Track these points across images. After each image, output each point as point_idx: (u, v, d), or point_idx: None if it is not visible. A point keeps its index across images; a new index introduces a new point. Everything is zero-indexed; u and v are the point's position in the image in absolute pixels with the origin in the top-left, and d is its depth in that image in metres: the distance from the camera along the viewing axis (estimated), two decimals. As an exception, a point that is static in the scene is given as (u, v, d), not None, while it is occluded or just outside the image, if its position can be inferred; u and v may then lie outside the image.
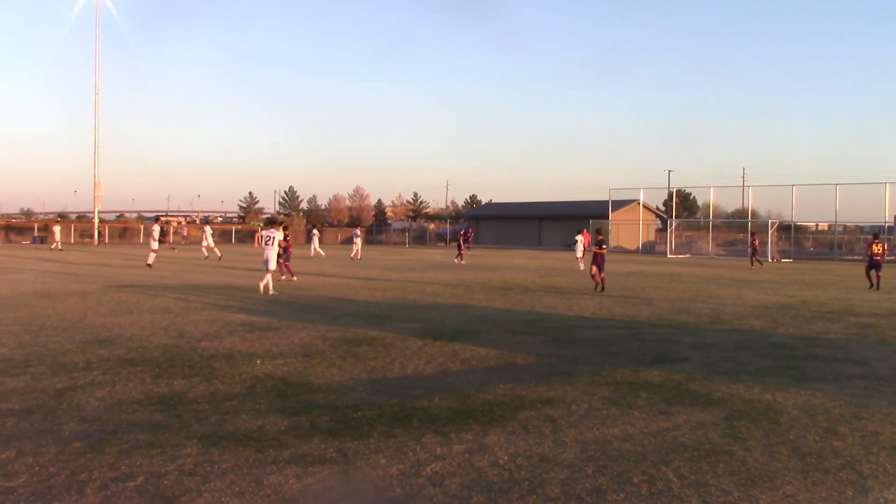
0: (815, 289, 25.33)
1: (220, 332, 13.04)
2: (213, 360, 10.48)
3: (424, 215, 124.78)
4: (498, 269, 34.70)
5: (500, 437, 6.77)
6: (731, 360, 10.95)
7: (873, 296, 22.71)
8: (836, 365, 10.66)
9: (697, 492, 5.44)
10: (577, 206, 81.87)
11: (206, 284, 23.72)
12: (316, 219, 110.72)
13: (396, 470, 5.85)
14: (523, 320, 15.50)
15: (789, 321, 15.81)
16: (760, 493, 5.44)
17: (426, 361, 10.62)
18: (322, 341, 12.22)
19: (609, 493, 5.40)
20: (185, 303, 17.96)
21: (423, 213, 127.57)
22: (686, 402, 8.27)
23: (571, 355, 11.27)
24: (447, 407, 7.90)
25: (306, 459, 6.06)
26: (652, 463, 6.10)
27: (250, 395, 8.32)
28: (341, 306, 17.78)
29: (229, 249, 57.62)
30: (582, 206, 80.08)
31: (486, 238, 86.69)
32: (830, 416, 7.74)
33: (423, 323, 14.68)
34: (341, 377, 9.46)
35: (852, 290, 25.05)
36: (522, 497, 5.31)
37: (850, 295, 22.81)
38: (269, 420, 7.28)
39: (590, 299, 20.11)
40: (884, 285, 26.55)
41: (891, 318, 16.75)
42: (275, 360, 10.49)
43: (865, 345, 12.62)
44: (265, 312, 16.10)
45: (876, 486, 5.62)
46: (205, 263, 35.83)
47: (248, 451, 6.24)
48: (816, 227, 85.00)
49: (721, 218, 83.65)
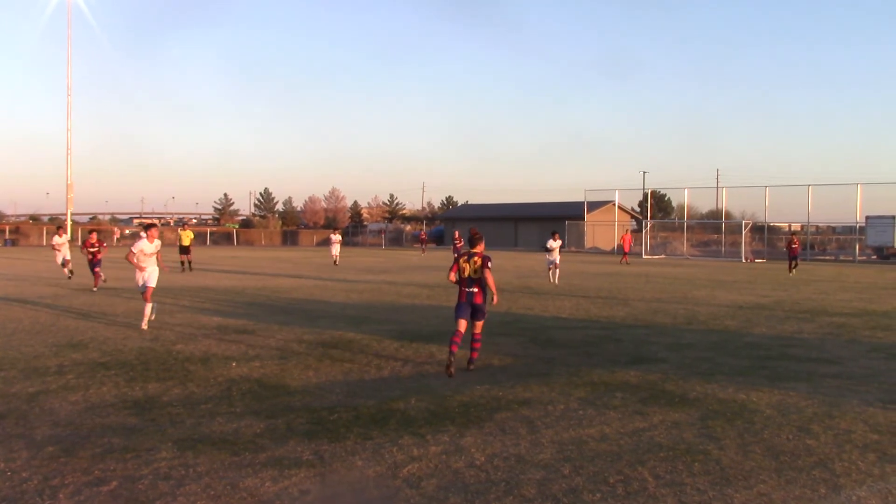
0: (789, 289, 25.56)
1: (196, 335, 12.96)
2: (188, 362, 10.41)
3: (401, 217, 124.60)
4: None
5: (476, 439, 6.78)
6: (707, 361, 11.02)
7: (845, 295, 22.96)
8: (809, 364, 10.76)
9: (673, 491, 5.47)
10: (553, 207, 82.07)
11: (181, 287, 23.54)
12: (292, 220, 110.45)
13: (373, 472, 5.84)
14: (500, 321, 15.51)
15: (763, 321, 15.94)
16: (735, 491, 5.49)
17: (403, 363, 10.61)
18: (298, 343, 12.18)
19: (585, 493, 5.42)
20: (159, 305, 17.78)
21: (400, 214, 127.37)
22: (662, 402, 8.32)
23: (548, 356, 11.30)
24: (424, 408, 7.90)
25: (282, 462, 6.03)
26: (628, 463, 6.13)
27: (226, 398, 8.28)
28: (318, 308, 17.72)
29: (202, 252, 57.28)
30: (557, 208, 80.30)
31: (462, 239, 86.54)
32: (804, 415, 7.81)
33: (400, 325, 14.67)
34: (318, 379, 9.43)
35: (825, 290, 25.30)
36: (499, 498, 5.32)
37: (823, 295, 23.03)
38: (245, 423, 7.24)
39: (566, 300, 20.17)
40: (855, 284, 26.90)
41: (863, 317, 16.94)
42: (251, 363, 10.44)
43: (838, 344, 12.75)
44: (241, 315, 16.01)
45: (848, 484, 5.68)
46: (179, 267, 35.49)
47: (223, 455, 6.20)
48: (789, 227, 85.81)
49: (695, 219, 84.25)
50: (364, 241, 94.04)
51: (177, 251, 32.90)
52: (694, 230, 75.10)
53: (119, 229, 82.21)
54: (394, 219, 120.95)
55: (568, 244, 72.74)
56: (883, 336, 13.83)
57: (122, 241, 67.02)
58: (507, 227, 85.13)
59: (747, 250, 56.45)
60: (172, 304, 18.24)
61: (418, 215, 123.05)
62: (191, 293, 21.33)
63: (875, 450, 6.58)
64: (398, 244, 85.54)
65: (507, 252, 67.03)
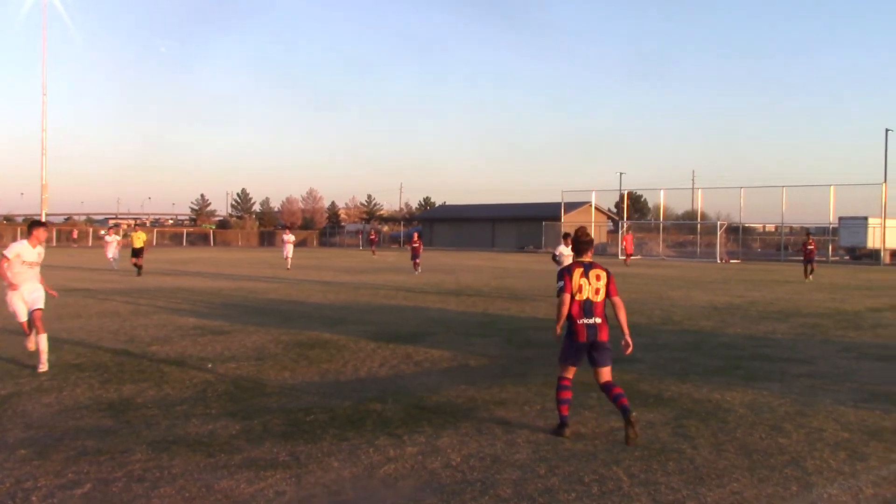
0: (763, 289, 25.79)
1: (171, 336, 12.88)
2: (163, 364, 10.35)
3: (378, 217, 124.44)
4: (451, 271, 34.76)
5: (453, 439, 6.79)
6: (681, 361, 11.11)
7: (818, 295, 23.19)
8: (782, 364, 10.86)
9: (647, 490, 5.51)
10: (530, 208, 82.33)
11: (156, 288, 23.41)
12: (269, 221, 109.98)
13: (349, 473, 5.84)
14: (477, 322, 15.55)
15: (737, 321, 16.08)
16: (708, 490, 5.54)
17: (379, 364, 10.60)
18: (275, 344, 12.14)
19: (561, 492, 5.45)
20: (134, 306, 17.70)
21: (377, 215, 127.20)
22: (636, 401, 8.35)
23: (524, 357, 11.34)
24: (400, 409, 7.90)
25: (258, 463, 6.02)
26: (603, 462, 6.17)
27: (201, 400, 8.24)
28: (294, 309, 17.67)
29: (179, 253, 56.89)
30: (535, 209, 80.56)
31: (440, 240, 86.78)
32: (776, 414, 7.89)
33: (377, 325, 14.65)
34: (294, 380, 9.41)
35: (798, 290, 25.55)
36: (475, 498, 5.34)
37: (796, 295, 23.26)
38: (221, 424, 7.21)
39: (542, 301, 20.23)
40: (828, 284, 27.22)
41: (835, 317, 17.13)
42: (226, 364, 10.40)
43: (811, 344, 12.88)
44: (217, 316, 15.93)
45: (820, 482, 5.75)
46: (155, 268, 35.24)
47: (198, 456, 6.18)
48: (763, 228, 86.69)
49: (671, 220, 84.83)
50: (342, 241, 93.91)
51: (131, 254, 29.73)
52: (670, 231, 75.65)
53: (76, 229, 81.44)
54: (371, 219, 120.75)
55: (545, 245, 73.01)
56: (854, 336, 13.99)
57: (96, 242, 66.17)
58: (484, 227, 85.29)
59: (722, 251, 56.92)
60: (148, 305, 18.13)
61: (396, 216, 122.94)
62: (166, 294, 21.21)
63: (846, 448, 6.66)
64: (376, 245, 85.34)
65: (484, 253, 67.17)
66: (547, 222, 73.47)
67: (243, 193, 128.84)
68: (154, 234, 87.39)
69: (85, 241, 78.15)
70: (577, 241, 7.34)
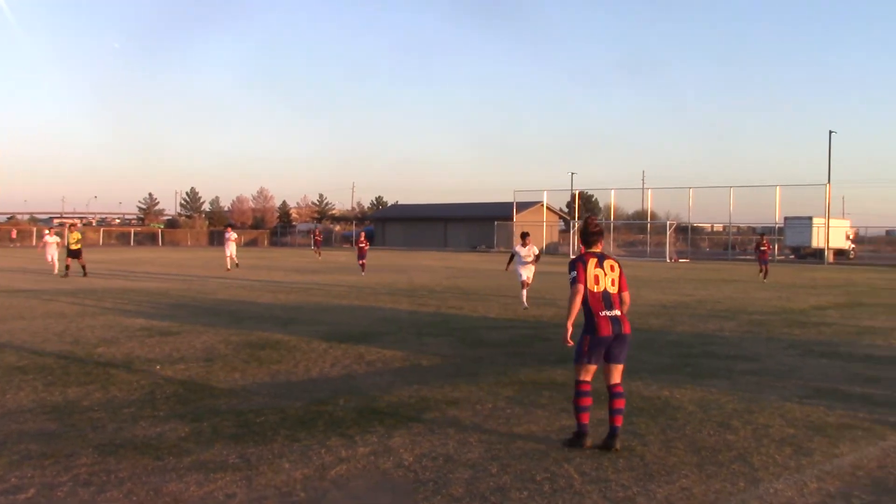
0: (711, 288, 26.20)
1: (118, 338, 12.67)
2: (110, 366, 10.18)
3: (330, 217, 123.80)
4: (404, 271, 34.73)
5: (405, 439, 6.78)
6: (631, 359, 11.10)
7: (764, 294, 23.63)
8: (729, 362, 11.04)
9: (598, 487, 5.56)
10: (483, 207, 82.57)
11: (103, 288, 23.00)
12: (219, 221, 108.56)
13: (300, 474, 5.79)
14: (429, 322, 15.56)
15: (686, 320, 16.31)
16: (658, 486, 5.60)
17: (331, 364, 10.54)
18: (225, 345, 12.00)
19: (513, 491, 5.47)
20: (80, 307, 17.37)
21: (329, 214, 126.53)
22: (588, 399, 8.43)
23: (477, 356, 11.37)
24: (352, 409, 7.87)
25: (208, 466, 5.94)
26: (555, 460, 6.20)
27: (149, 402, 8.11)
28: (244, 309, 17.50)
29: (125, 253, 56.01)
30: (487, 208, 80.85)
31: (392, 240, 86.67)
32: (724, 410, 8.02)
33: (329, 325, 14.58)
34: (244, 381, 9.31)
35: (745, 289, 26.00)
36: (427, 498, 5.33)
37: (743, 294, 23.66)
38: (169, 426, 7.11)
39: (495, 300, 20.32)
40: (774, 283, 27.77)
41: (780, 315, 17.47)
42: (175, 365, 10.25)
43: (757, 342, 13.11)
44: (165, 316, 15.70)
45: (766, 477, 5.85)
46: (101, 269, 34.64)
47: (146, 459, 6.08)
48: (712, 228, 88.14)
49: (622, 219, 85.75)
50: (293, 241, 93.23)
51: (67, 255, 28.37)
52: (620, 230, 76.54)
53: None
54: (323, 219, 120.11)
55: (497, 244, 73.31)
56: (799, 333, 14.28)
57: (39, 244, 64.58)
58: (436, 227, 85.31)
59: (672, 250, 57.72)
60: (94, 306, 17.80)
61: (348, 215, 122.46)
62: (113, 295, 20.85)
63: (791, 443, 6.79)
64: (328, 244, 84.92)
65: (437, 252, 67.23)
66: (499, 222, 73.83)
67: (192, 192, 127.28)
68: (101, 234, 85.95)
69: (28, 241, 76.45)
70: (586, 233, 6.91)
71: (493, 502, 5.26)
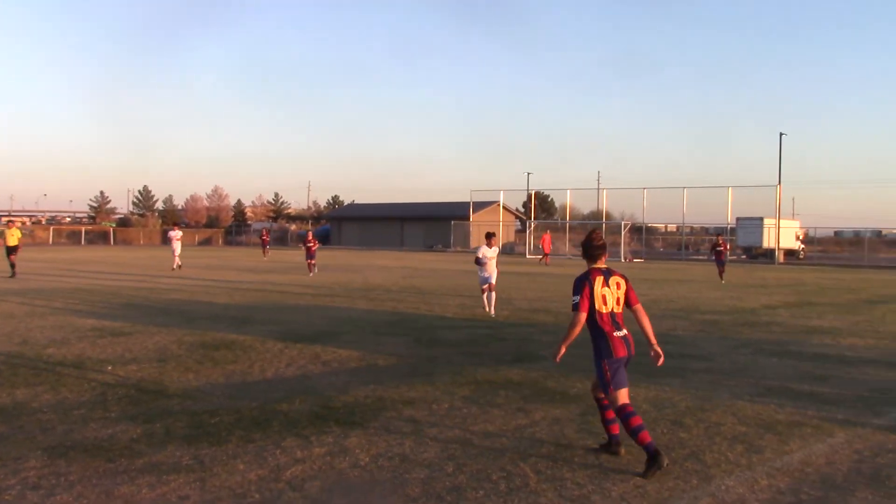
0: (665, 288, 26.51)
1: (69, 338, 12.44)
2: (60, 367, 9.99)
3: (286, 216, 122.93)
4: (360, 270, 34.61)
5: (361, 439, 6.76)
6: (587, 358, 11.17)
7: (717, 293, 23.97)
8: (682, 360, 11.18)
9: (553, 486, 5.60)
10: (439, 207, 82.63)
11: (53, 288, 22.58)
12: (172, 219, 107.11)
13: (255, 475, 5.74)
14: (385, 321, 15.52)
15: (640, 319, 16.44)
16: (613, 484, 5.66)
17: (287, 364, 10.47)
18: (178, 345, 11.86)
19: (468, 490, 5.48)
20: (29, 307, 17.03)
21: (285, 213, 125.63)
22: (544, 399, 8.49)
23: (433, 356, 11.37)
24: (308, 410, 7.82)
25: (160, 468, 5.86)
26: (510, 459, 6.23)
27: (100, 403, 7.98)
28: (199, 309, 17.30)
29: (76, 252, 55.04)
30: (444, 208, 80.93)
31: (348, 239, 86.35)
32: (677, 408, 8.13)
33: (284, 325, 14.47)
34: (198, 382, 9.21)
35: (698, 288, 26.35)
36: (384, 497, 5.33)
37: (696, 294, 23.98)
38: (121, 428, 7.00)
39: (451, 300, 20.34)
40: (726, 282, 28.29)
41: (732, 314, 17.73)
42: (127, 366, 10.10)
43: (710, 341, 13.30)
44: (118, 317, 15.47)
45: (718, 474, 5.94)
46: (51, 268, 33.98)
47: (97, 462, 5.98)
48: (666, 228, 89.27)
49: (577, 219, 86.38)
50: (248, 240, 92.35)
51: (6, 253, 27.15)
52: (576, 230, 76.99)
53: None
54: (279, 218, 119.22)
55: (453, 244, 73.41)
56: (750, 332, 14.52)
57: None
58: (393, 227, 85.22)
59: (626, 250, 58.30)
60: (44, 306, 17.47)
61: (304, 214, 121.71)
62: (64, 295, 20.48)
63: (743, 441, 6.91)
64: (283, 244, 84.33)
65: (393, 252, 67.08)
66: (456, 221, 73.92)
67: (145, 191, 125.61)
68: (50, 233, 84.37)
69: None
70: (589, 247, 6.54)
71: (448, 502, 5.28)
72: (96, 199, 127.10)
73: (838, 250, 75.02)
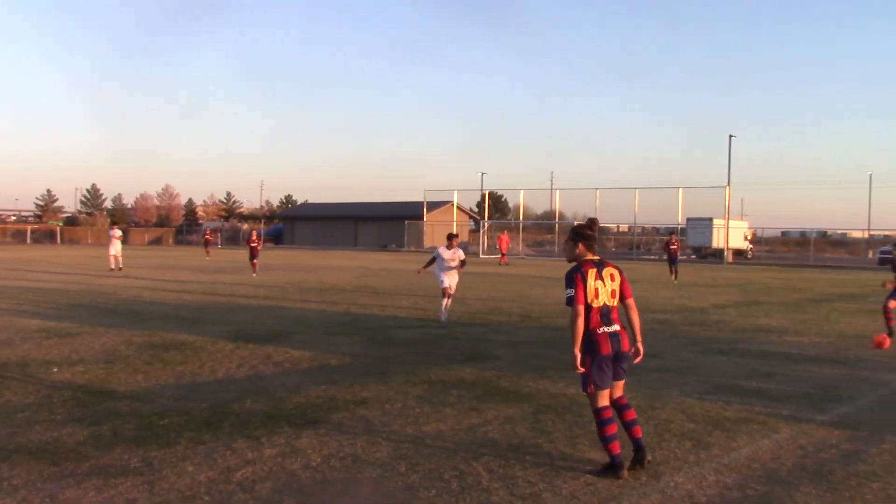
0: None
1: (13, 339, 12.18)
2: (3, 369, 9.78)
3: (238, 215, 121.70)
4: (313, 270, 34.41)
5: (312, 440, 6.72)
6: (539, 357, 11.39)
7: (667, 293, 24.29)
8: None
9: (505, 484, 5.62)
10: (393, 207, 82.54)
11: (-3, 288, 22.07)
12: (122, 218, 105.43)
13: (205, 477, 5.68)
14: (338, 321, 15.45)
15: (592, 318, 16.58)
16: (563, 482, 5.70)
17: (238, 365, 10.37)
18: (126, 346, 11.67)
19: (421, 490, 5.48)
20: (-28, 308, 16.63)
21: (237, 212, 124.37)
22: (496, 398, 8.52)
23: (386, 355, 11.35)
24: (259, 411, 7.75)
25: (107, 471, 5.77)
26: (463, 458, 6.24)
27: (45, 405, 7.83)
28: (147, 309, 17.05)
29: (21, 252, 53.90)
30: (398, 208, 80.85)
31: (301, 239, 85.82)
32: (628, 406, 8.20)
33: (235, 325, 14.33)
34: (147, 383, 9.07)
35: (649, 288, 26.66)
36: (335, 498, 5.30)
37: (647, 293, 24.24)
38: (67, 431, 6.87)
39: (405, 299, 20.32)
40: (676, 282, 28.72)
41: (682, 313, 17.98)
42: (74, 368, 9.92)
43: (660, 339, 13.45)
44: (64, 317, 15.18)
45: (667, 471, 6.02)
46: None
47: (42, 465, 5.86)
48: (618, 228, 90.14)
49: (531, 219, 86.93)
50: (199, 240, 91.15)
51: None
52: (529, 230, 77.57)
53: None
54: (231, 217, 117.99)
55: (407, 244, 73.36)
56: (699, 331, 14.74)
57: None
58: (346, 226, 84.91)
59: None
60: (-13, 306, 17.07)
61: (256, 214, 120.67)
62: (8, 295, 20.02)
63: (691, 438, 7.00)
64: (235, 243, 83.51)
65: (347, 251, 66.83)
66: (409, 221, 73.87)
67: (93, 189, 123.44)
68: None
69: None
70: (585, 236, 6.19)
71: (401, 501, 5.27)
72: (43, 198, 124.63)
73: (786, 250, 76.58)
